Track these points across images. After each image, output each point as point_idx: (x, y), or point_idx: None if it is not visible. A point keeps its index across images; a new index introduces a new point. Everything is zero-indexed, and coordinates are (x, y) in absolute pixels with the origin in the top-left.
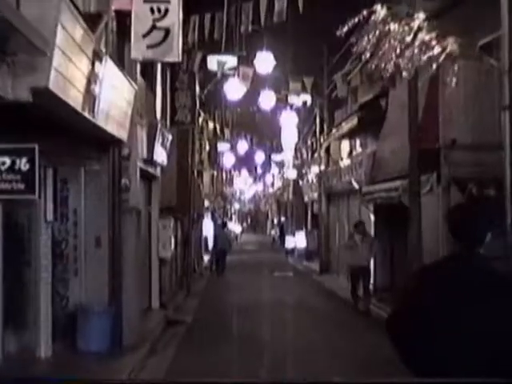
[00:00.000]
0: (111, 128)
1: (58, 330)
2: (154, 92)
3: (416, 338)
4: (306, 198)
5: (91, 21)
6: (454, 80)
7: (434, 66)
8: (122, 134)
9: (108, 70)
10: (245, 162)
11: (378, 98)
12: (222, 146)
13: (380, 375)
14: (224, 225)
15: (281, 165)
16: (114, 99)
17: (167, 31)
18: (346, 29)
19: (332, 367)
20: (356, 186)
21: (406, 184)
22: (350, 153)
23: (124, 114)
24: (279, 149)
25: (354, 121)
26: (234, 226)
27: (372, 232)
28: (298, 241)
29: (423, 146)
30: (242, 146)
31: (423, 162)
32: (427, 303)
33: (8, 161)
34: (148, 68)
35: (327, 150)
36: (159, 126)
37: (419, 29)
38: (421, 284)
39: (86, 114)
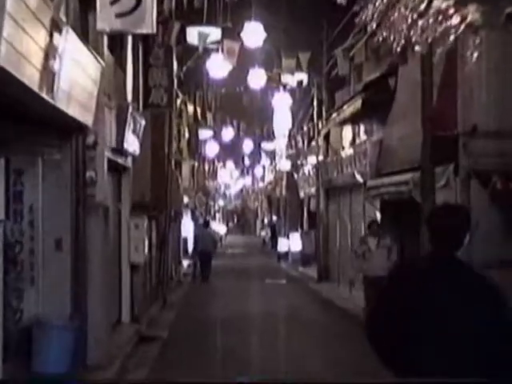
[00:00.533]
0: (74, 111)
1: (10, 349)
2: (124, 69)
3: (394, 338)
4: (301, 194)
5: None
6: (476, 54)
7: (452, 38)
8: (87, 119)
9: (69, 42)
10: (230, 151)
11: (385, 77)
12: (204, 133)
13: None
14: (206, 224)
15: (272, 155)
16: (76, 77)
17: None
18: None
19: None
20: (360, 179)
21: (418, 177)
22: (353, 141)
23: (89, 95)
24: (270, 136)
25: (357, 103)
26: (218, 226)
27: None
28: (292, 243)
29: (438, 132)
30: (227, 133)
31: (438, 151)
32: (407, 304)
33: None
34: (117, 41)
35: (326, 137)
36: (130, 109)
37: None
38: (400, 285)
39: (43, 94)
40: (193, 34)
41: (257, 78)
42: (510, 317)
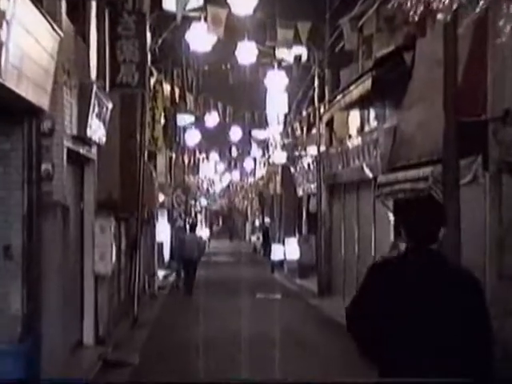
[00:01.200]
0: (25, 91)
1: None
2: (86, 41)
3: (372, 329)
4: (299, 192)
5: None
6: (510, 25)
7: (481, 3)
8: (42, 100)
9: (19, 8)
10: (215, 140)
11: (400, 51)
12: (184, 119)
13: None
14: (192, 227)
15: (265, 145)
16: (28, 50)
17: None
18: None
19: None
20: (369, 174)
21: (439, 171)
22: (361, 128)
23: (44, 72)
24: (262, 123)
25: (366, 83)
26: (200, 230)
27: (391, 237)
28: (288, 250)
29: (464, 117)
30: (211, 119)
31: (464, 140)
32: (385, 298)
33: None
34: (78, 7)
35: (329, 124)
36: (95, 89)
37: None
38: (378, 279)
39: None
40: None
41: (246, 53)
42: (486, 306)
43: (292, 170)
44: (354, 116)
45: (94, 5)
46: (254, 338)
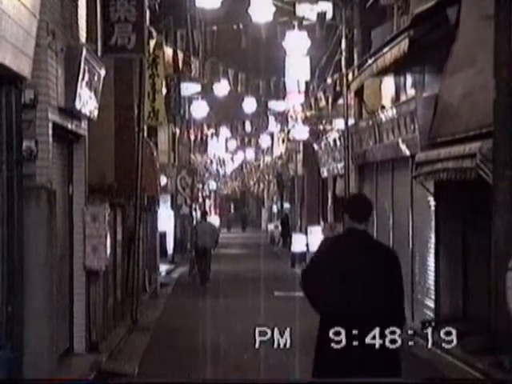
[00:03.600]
0: (3, 55)
1: None
2: None
3: (324, 288)
4: (324, 172)
5: None
6: None
7: None
8: (22, 66)
9: None
10: (225, 113)
11: (443, 6)
12: (189, 88)
13: None
14: (204, 215)
15: (284, 118)
16: (5, 7)
17: None
18: None
19: None
20: (406, 151)
21: (489, 148)
22: (397, 97)
23: (24, 33)
24: (281, 92)
25: (403, 44)
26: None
27: (432, 226)
28: (311, 241)
29: None
30: (221, 88)
31: None
32: (332, 263)
33: None
34: None
35: (359, 93)
36: (84, 52)
37: None
38: (329, 249)
39: None
40: None
41: (262, 10)
42: (399, 268)
43: (315, 147)
44: (388, 83)
45: None
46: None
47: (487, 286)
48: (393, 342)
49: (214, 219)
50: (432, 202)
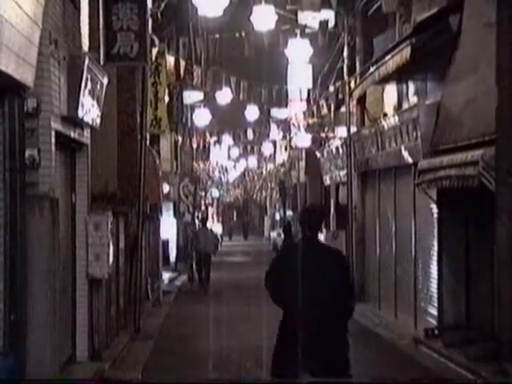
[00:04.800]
0: (5, 64)
1: None
2: (77, 5)
3: (282, 286)
4: (326, 180)
5: None
6: None
7: None
8: (25, 75)
9: None
10: (228, 121)
11: (445, 14)
12: (191, 96)
13: None
14: (203, 221)
15: (286, 126)
16: (8, 15)
17: None
18: None
19: None
20: (408, 159)
21: (492, 155)
22: (399, 105)
23: (27, 42)
24: (283, 100)
25: (405, 52)
26: (212, 226)
27: (435, 233)
28: None
29: None
30: (223, 96)
31: None
32: (289, 265)
33: None
34: None
35: (361, 100)
36: (87, 61)
37: None
38: (286, 254)
39: None
40: None
41: (264, 19)
42: (348, 270)
43: (318, 154)
44: (390, 91)
45: None
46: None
47: (491, 293)
48: (340, 333)
49: (217, 227)
50: (435, 210)
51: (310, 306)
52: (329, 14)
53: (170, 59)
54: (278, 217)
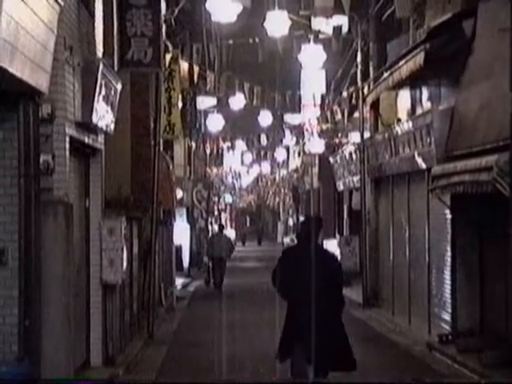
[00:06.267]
0: (21, 70)
1: None
2: (91, 12)
3: (286, 281)
4: (340, 186)
5: None
6: None
7: None
8: (40, 81)
9: None
10: (241, 126)
11: (459, 19)
12: (205, 102)
13: None
14: (221, 227)
15: (299, 131)
16: (23, 22)
17: None
18: None
19: None
20: (422, 164)
21: (506, 161)
22: (413, 111)
23: (42, 48)
24: (296, 106)
25: (418, 57)
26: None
27: (449, 239)
28: None
29: None
30: (237, 102)
31: None
32: (291, 264)
33: None
34: None
35: (374, 106)
36: (101, 67)
37: None
38: (288, 254)
39: None
40: None
41: (277, 25)
42: (340, 268)
43: (331, 160)
44: (404, 96)
45: None
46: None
47: (505, 299)
48: (335, 316)
49: (230, 232)
50: (448, 215)
51: (309, 297)
52: (342, 20)
53: (184, 65)
54: (291, 222)
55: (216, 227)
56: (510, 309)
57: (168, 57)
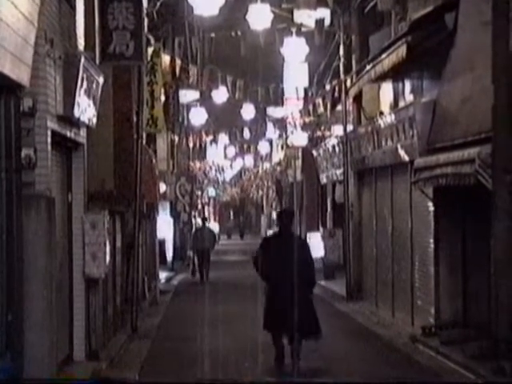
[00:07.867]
0: (1, 64)
1: None
2: (72, 5)
3: (265, 266)
4: (323, 179)
5: None
6: None
7: None
8: (21, 75)
9: None
10: (224, 120)
11: (440, 12)
12: (187, 95)
13: None
14: (204, 220)
15: (282, 125)
16: (3, 15)
17: None
18: None
19: None
20: (405, 157)
21: (488, 153)
22: (395, 103)
23: (22, 41)
24: (279, 99)
25: (401, 50)
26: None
27: (432, 231)
28: (310, 247)
29: None
30: (219, 95)
31: None
32: (270, 250)
33: None
34: None
35: (357, 99)
36: (83, 60)
37: None
38: (267, 242)
39: None
40: None
41: (260, 17)
42: (309, 252)
43: (314, 153)
44: (386, 89)
45: None
46: (267, 349)
47: (487, 291)
48: (307, 294)
49: (214, 226)
50: (431, 208)
51: (285, 276)
52: (325, 13)
53: (166, 58)
54: (274, 216)
55: (199, 220)
56: (492, 301)
57: (150, 50)
